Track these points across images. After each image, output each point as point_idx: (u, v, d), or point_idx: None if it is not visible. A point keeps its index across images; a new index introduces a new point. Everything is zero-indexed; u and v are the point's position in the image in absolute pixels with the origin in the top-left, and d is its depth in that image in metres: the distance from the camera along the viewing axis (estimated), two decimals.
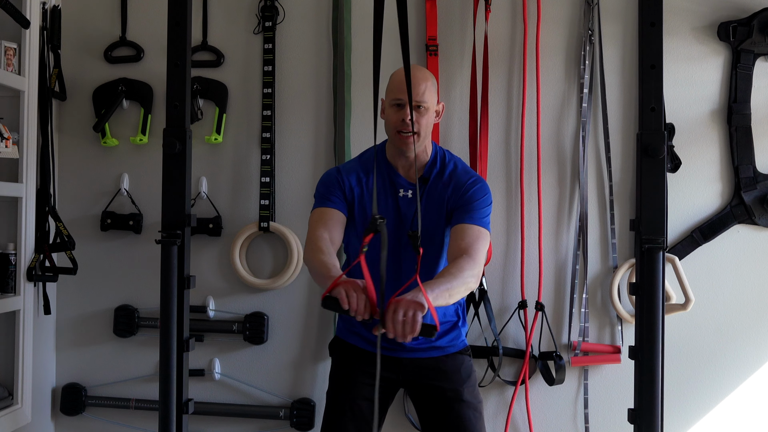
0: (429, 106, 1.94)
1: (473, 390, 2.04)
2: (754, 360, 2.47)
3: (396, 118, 1.94)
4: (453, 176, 2.01)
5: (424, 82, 1.94)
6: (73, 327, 2.77)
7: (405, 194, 2.00)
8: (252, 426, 2.68)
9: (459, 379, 2.02)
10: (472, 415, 1.99)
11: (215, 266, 2.69)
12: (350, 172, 2.03)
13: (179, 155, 2.00)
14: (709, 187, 2.49)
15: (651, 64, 1.90)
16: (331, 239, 1.89)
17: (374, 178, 1.63)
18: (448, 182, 2.00)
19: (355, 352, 2.06)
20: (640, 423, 1.85)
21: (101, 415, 2.75)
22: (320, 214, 1.97)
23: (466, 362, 2.06)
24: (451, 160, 2.05)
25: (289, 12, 2.66)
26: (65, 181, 2.76)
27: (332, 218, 1.95)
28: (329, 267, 1.77)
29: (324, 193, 2.01)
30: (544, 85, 2.53)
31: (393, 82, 1.97)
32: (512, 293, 2.54)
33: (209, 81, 2.66)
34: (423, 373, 2.03)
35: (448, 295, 1.73)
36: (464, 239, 1.88)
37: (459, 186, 1.99)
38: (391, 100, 1.96)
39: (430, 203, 1.99)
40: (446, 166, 2.02)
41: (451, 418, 1.98)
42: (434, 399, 2.02)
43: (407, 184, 2.01)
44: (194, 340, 2.06)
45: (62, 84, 2.70)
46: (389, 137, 2.01)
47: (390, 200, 2.00)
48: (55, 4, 2.67)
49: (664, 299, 1.85)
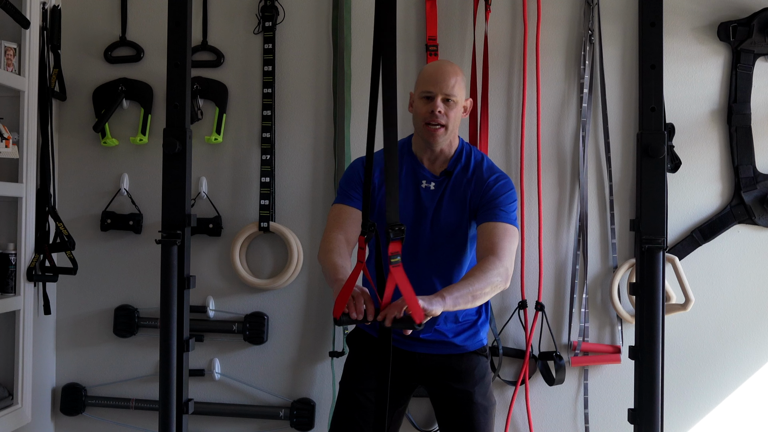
0: (458, 100, 1.95)
1: (485, 392, 2.03)
2: (754, 360, 2.47)
3: (425, 109, 1.95)
4: (476, 172, 2.00)
5: (454, 76, 1.95)
6: (73, 327, 2.77)
7: (427, 185, 2.00)
8: (252, 426, 2.68)
9: (472, 380, 2.01)
10: (482, 419, 1.99)
11: (215, 266, 2.69)
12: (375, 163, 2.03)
13: (179, 155, 2.00)
14: (709, 187, 2.49)
15: (651, 64, 1.90)
16: (347, 239, 1.89)
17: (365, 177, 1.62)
18: (472, 178, 1.99)
19: (372, 343, 2.04)
20: (640, 423, 1.85)
21: (101, 415, 2.75)
22: (338, 213, 1.97)
23: (481, 363, 2.05)
24: (477, 157, 2.05)
25: (289, 12, 2.66)
26: (65, 181, 2.76)
27: (350, 216, 1.94)
28: (338, 269, 1.77)
29: (345, 188, 2.01)
30: (544, 85, 2.53)
31: (424, 75, 1.99)
32: (512, 293, 2.53)
33: (209, 81, 2.66)
34: (435, 372, 2.03)
35: (471, 298, 1.73)
36: (490, 238, 1.87)
37: (481, 182, 1.98)
38: (420, 92, 1.97)
39: (452, 198, 1.98)
40: (471, 161, 2.02)
41: (461, 420, 1.98)
42: (446, 398, 2.03)
43: (430, 176, 2.01)
44: (194, 340, 2.05)
45: (62, 84, 2.70)
46: (417, 129, 2.01)
47: (411, 193, 2.00)
48: (55, 4, 2.67)
49: (664, 299, 1.85)
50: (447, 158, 2.02)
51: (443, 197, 1.99)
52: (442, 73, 1.94)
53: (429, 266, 1.98)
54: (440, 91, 1.92)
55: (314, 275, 2.65)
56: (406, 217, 1.97)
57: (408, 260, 1.96)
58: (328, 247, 1.86)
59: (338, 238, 1.88)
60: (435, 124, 1.93)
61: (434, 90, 1.93)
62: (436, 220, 1.98)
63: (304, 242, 2.63)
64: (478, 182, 1.99)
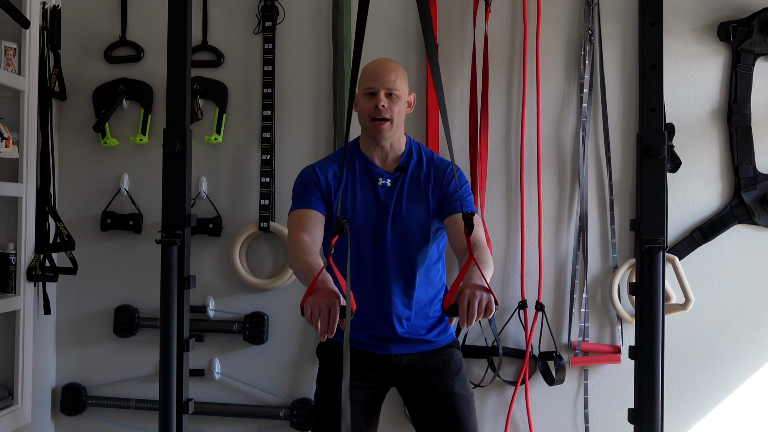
0: (400, 94, 1.96)
1: (464, 383, 2.04)
2: (754, 360, 2.47)
3: (369, 105, 1.96)
4: (431, 165, 2.02)
5: (395, 71, 1.97)
6: (73, 327, 2.77)
7: (384, 183, 2.00)
8: (252, 426, 2.68)
9: (449, 373, 2.01)
10: (465, 408, 1.99)
11: (215, 266, 2.69)
12: (325, 167, 2.04)
13: (179, 155, 2.00)
14: (709, 187, 2.49)
15: (651, 64, 1.90)
16: (312, 241, 1.89)
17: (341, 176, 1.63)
18: (428, 172, 2.00)
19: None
20: (640, 423, 1.85)
21: (101, 415, 2.75)
22: (298, 217, 1.96)
23: (455, 356, 2.06)
24: (427, 152, 2.07)
25: (289, 12, 2.66)
26: (65, 181, 2.76)
27: (311, 219, 1.94)
28: (311, 266, 1.77)
29: (301, 194, 2.01)
30: (544, 85, 2.53)
31: (365, 73, 2.00)
32: (512, 293, 2.54)
33: (209, 81, 2.66)
34: (412, 371, 2.02)
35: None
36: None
37: (440, 174, 2.00)
38: (364, 90, 1.98)
39: (411, 193, 1.99)
40: (423, 156, 2.04)
41: (443, 413, 1.98)
42: (425, 395, 2.02)
43: (385, 173, 2.01)
44: (194, 340, 2.05)
45: (62, 84, 2.70)
46: (363, 127, 2.01)
47: (368, 191, 2.00)
48: (55, 4, 2.67)
49: (664, 299, 1.85)
50: (398, 155, 2.02)
51: (402, 193, 1.98)
52: (383, 68, 1.96)
53: (393, 264, 1.97)
54: (382, 86, 1.94)
55: None
56: (370, 216, 1.98)
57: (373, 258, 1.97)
58: (297, 248, 1.86)
59: (304, 240, 1.88)
60: (380, 118, 1.94)
61: (376, 85, 1.94)
62: (398, 216, 1.97)
63: None
64: (437, 175, 2.00)
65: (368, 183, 2.00)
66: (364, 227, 1.97)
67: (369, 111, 1.96)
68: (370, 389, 2.03)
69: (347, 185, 2.00)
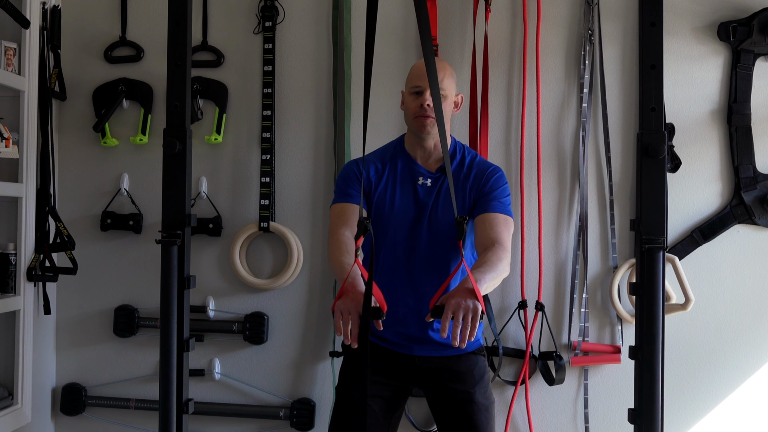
0: (447, 94, 1.97)
1: (485, 391, 2.03)
2: (754, 360, 2.47)
3: (415, 104, 1.97)
4: (473, 166, 2.03)
5: (443, 71, 1.97)
6: (73, 327, 2.77)
7: (424, 182, 2.02)
8: (252, 426, 2.68)
9: (471, 380, 2.02)
10: (483, 417, 1.99)
11: (215, 266, 2.69)
12: (368, 163, 2.05)
13: (179, 155, 2.00)
14: (709, 187, 2.49)
15: (651, 64, 1.90)
16: (352, 235, 1.90)
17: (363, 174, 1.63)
18: (469, 172, 2.02)
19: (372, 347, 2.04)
20: (640, 423, 1.85)
21: (101, 415, 2.75)
22: (340, 211, 1.99)
23: (479, 363, 2.05)
24: (470, 152, 2.08)
25: (289, 12, 2.66)
26: (65, 181, 2.76)
27: (353, 213, 1.96)
28: (344, 267, 1.80)
29: (343, 187, 2.03)
30: (544, 85, 2.53)
31: (413, 71, 2.01)
32: (512, 293, 2.54)
33: (209, 81, 2.66)
34: (435, 374, 2.02)
35: (492, 286, 1.77)
36: (493, 228, 1.90)
37: (480, 175, 2.01)
38: (410, 89, 1.99)
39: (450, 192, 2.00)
40: (466, 156, 2.05)
41: (462, 420, 1.98)
42: (446, 400, 2.02)
43: (426, 173, 2.02)
44: (194, 340, 2.05)
45: (62, 84, 2.70)
46: (409, 125, 2.04)
47: (408, 190, 2.01)
48: (55, 4, 2.67)
49: (664, 299, 1.85)
50: (441, 155, 2.03)
51: (441, 193, 2.00)
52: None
53: (427, 262, 1.99)
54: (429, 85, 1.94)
55: (314, 275, 2.65)
56: (407, 215, 1.99)
57: (407, 256, 1.97)
58: (336, 246, 1.89)
59: (345, 234, 1.91)
60: (425, 115, 1.96)
61: (423, 84, 1.95)
62: (435, 216, 1.99)
63: (304, 242, 2.63)
64: (477, 176, 2.01)
65: (408, 181, 2.02)
66: (401, 225, 1.98)
67: (414, 110, 1.97)
68: (392, 386, 2.04)
69: (387, 182, 2.01)
